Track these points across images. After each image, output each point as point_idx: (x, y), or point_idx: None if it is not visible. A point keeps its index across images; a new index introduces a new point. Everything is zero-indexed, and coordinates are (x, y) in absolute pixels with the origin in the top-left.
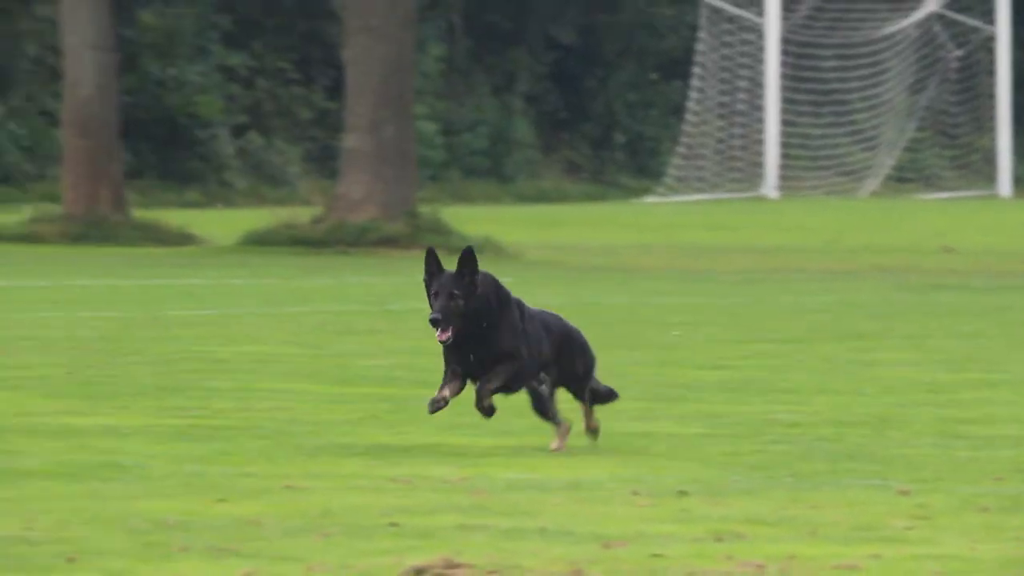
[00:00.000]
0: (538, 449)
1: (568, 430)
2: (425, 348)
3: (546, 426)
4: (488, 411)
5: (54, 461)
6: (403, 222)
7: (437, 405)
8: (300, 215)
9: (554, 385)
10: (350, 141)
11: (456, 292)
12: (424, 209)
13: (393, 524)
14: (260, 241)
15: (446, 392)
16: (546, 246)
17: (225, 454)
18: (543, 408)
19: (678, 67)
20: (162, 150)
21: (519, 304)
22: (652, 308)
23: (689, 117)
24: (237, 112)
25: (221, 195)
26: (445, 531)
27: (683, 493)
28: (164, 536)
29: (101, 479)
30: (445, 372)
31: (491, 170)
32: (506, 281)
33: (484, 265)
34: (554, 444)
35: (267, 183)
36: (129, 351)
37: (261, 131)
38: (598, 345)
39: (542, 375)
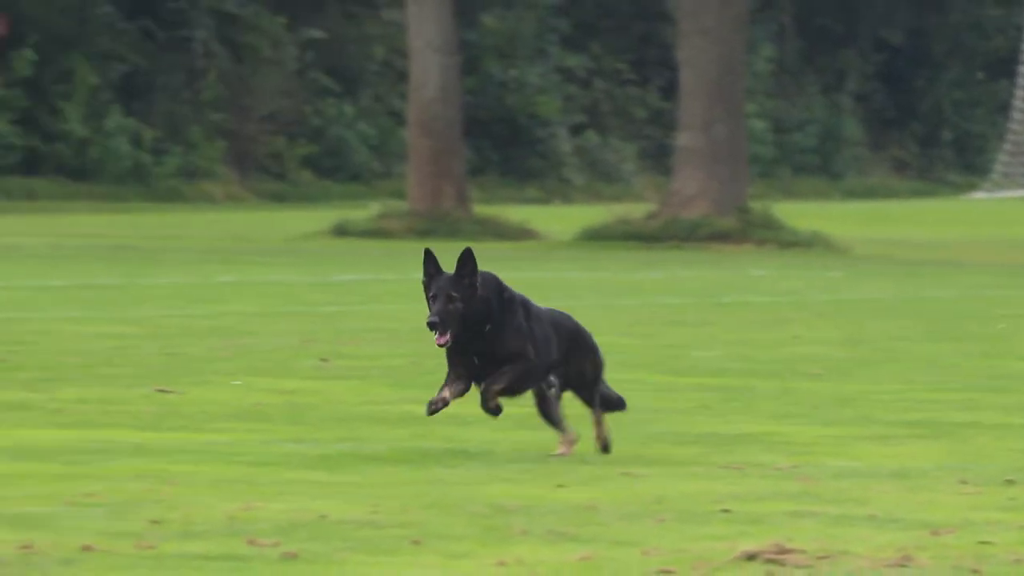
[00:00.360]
0: (863, 438)
1: (574, 441)
2: (755, 340)
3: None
4: (495, 411)
5: (399, 448)
6: (734, 217)
7: (435, 406)
8: (634, 211)
9: (562, 388)
10: (683, 139)
11: (455, 294)
12: (755, 205)
13: (725, 510)
14: (596, 236)
15: (446, 393)
16: (874, 241)
17: None
18: (548, 412)
19: (1005, 66)
20: (503, 148)
21: (524, 304)
22: (978, 301)
23: (1015, 115)
24: (575, 112)
25: (559, 191)
26: (775, 517)
27: (1010, 482)
28: (504, 520)
29: (444, 465)
30: (448, 374)
31: (820, 167)
32: (832, 277)
33: (814, 259)
34: (559, 450)
35: (603, 180)
36: None
37: (598, 130)
38: (923, 338)
39: (551, 378)
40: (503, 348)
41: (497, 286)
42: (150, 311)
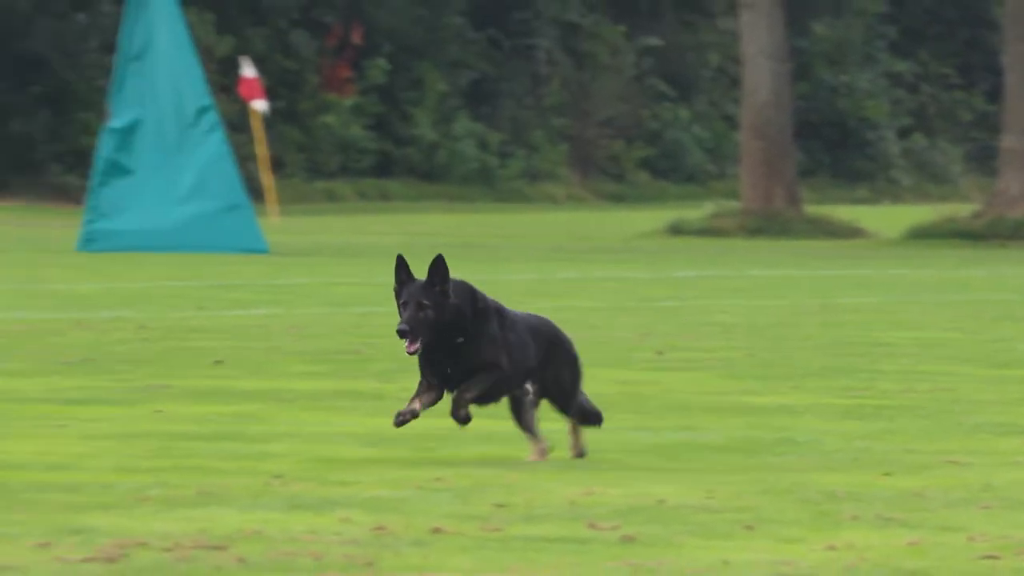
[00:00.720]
0: None
1: (545, 452)
2: None
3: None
4: (464, 420)
5: (733, 436)
6: None
7: (403, 417)
8: (961, 210)
9: (539, 395)
10: (1008, 141)
11: (425, 302)
12: None
13: None
14: (923, 235)
15: (416, 405)
16: None
17: (889, 432)
18: (522, 419)
19: None
20: (833, 151)
21: (499, 311)
22: None
23: None
24: (902, 115)
25: (888, 192)
26: None
27: None
28: (835, 506)
29: (775, 454)
30: (420, 383)
31: None
32: None
33: None
34: (530, 457)
35: (930, 181)
36: (801, 336)
37: (925, 132)
38: None
39: (527, 385)
40: (476, 357)
41: (471, 294)
42: None
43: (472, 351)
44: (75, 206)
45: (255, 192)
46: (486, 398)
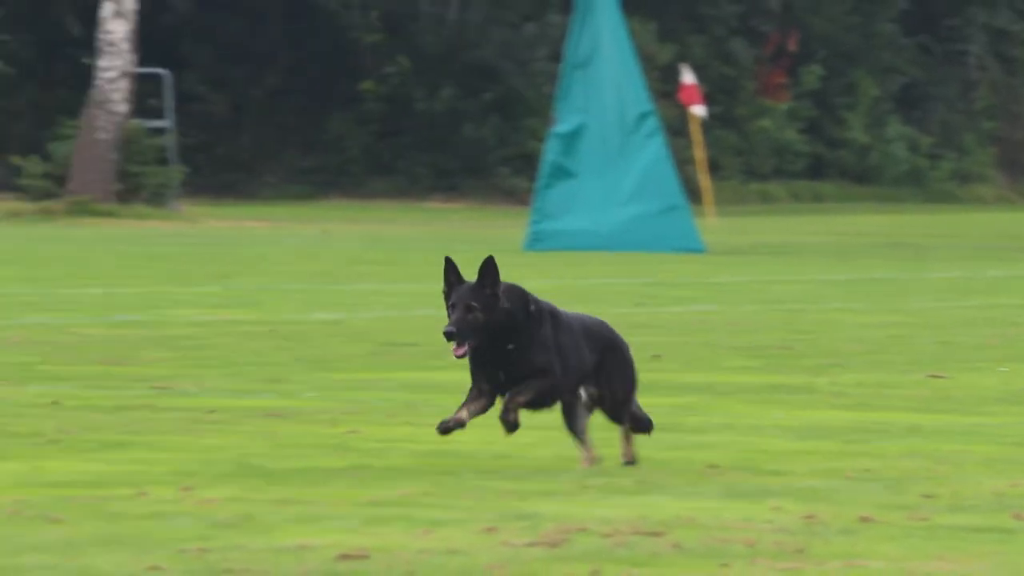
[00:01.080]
0: None
1: (593, 461)
2: None
3: None
4: (512, 426)
5: None
6: None
7: (447, 426)
8: None
9: (593, 401)
10: None
11: (474, 304)
12: None
13: None
14: None
15: (463, 414)
16: None
17: None
18: (573, 423)
19: None
20: None
21: (553, 314)
22: None
23: None
24: None
25: None
26: None
27: None
28: None
29: None
30: (470, 389)
31: None
32: None
33: None
34: (581, 464)
35: None
36: None
37: None
38: None
39: (580, 391)
40: (528, 363)
41: (523, 298)
42: (924, 303)
43: (524, 356)
44: (522, 207)
45: (693, 194)
46: (537, 404)
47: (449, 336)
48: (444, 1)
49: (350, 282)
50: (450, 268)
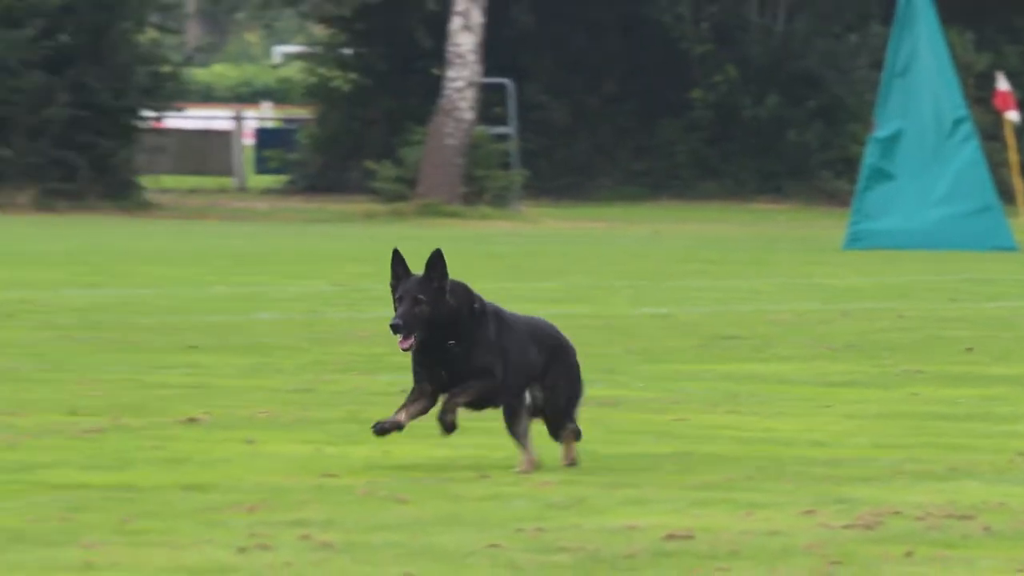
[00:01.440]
0: None
1: (532, 465)
2: None
3: None
4: (449, 427)
5: None
6: None
7: (384, 428)
8: None
9: (536, 404)
10: None
11: (421, 297)
12: None
13: None
14: None
15: (402, 416)
16: None
17: None
18: (514, 423)
19: None
20: None
21: (497, 314)
22: None
23: None
24: None
25: None
26: None
27: None
28: None
29: None
30: (412, 390)
31: None
32: None
33: None
34: (518, 468)
35: None
36: None
37: None
38: None
39: (526, 394)
40: (469, 362)
41: (467, 296)
42: None
43: (466, 356)
44: (842, 208)
45: (1006, 195)
46: (478, 404)
47: (395, 328)
48: (772, 14)
49: (678, 279)
50: (397, 260)
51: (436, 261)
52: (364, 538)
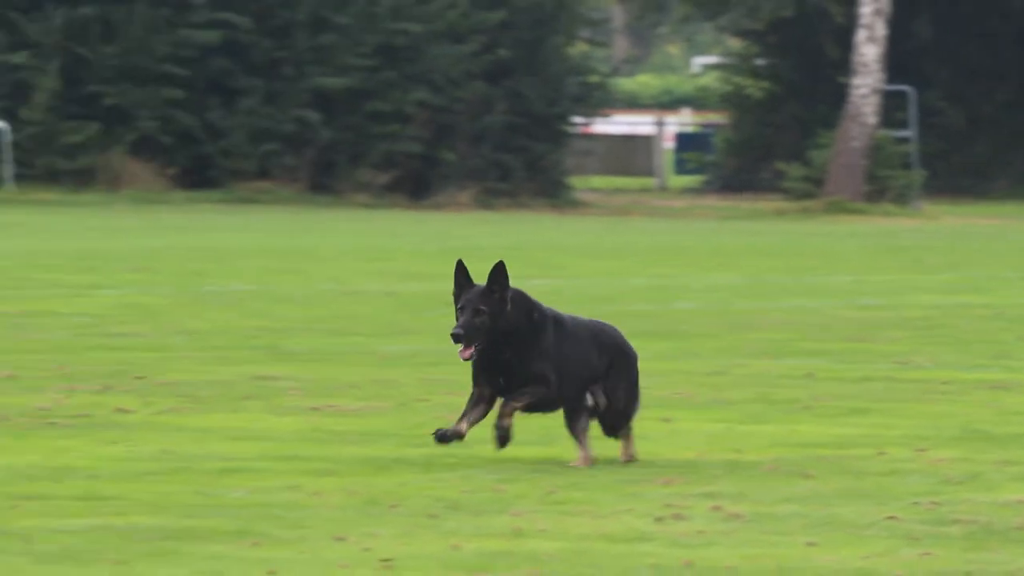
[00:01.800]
0: None
1: (588, 461)
2: None
3: None
4: (504, 433)
5: None
6: None
7: (446, 437)
8: None
9: (596, 408)
10: None
11: (483, 308)
12: None
13: None
14: None
15: (463, 426)
16: None
17: None
18: (574, 422)
19: None
20: None
21: (557, 321)
22: None
23: None
24: None
25: None
26: None
27: None
28: None
29: None
30: (471, 395)
31: None
32: None
33: None
34: (575, 462)
35: None
36: None
37: None
38: None
39: (587, 396)
40: (526, 370)
41: (527, 305)
42: None
43: (523, 363)
44: None
45: None
46: (534, 409)
47: (456, 338)
48: None
49: None
50: (460, 271)
51: (498, 272)
52: (771, 509)
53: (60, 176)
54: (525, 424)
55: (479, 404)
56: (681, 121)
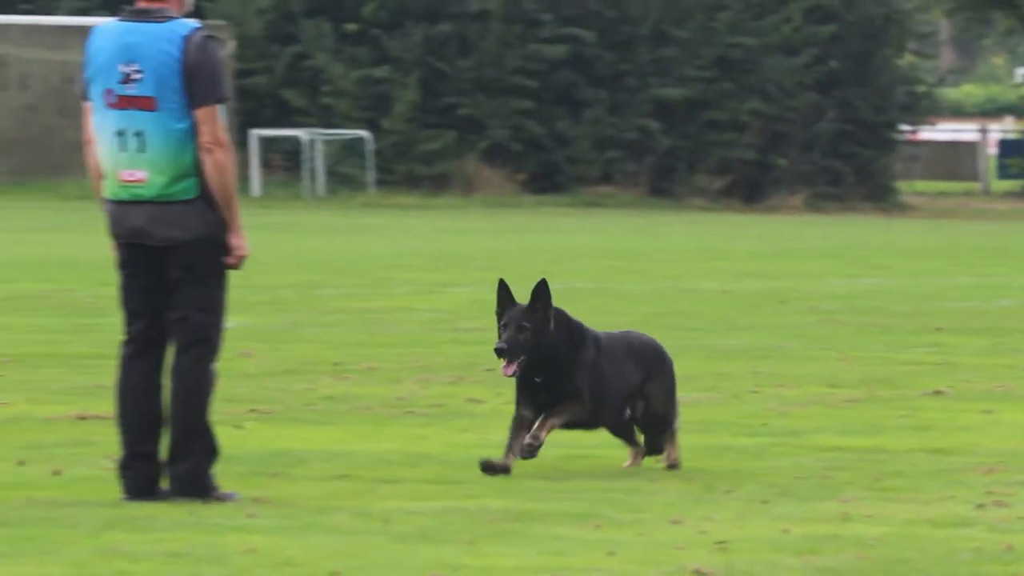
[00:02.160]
0: None
1: (641, 456)
2: None
3: None
4: (535, 446)
5: None
6: None
7: (493, 470)
8: None
9: (635, 417)
10: None
11: (526, 324)
12: None
13: None
14: None
15: (510, 459)
16: None
17: None
18: (618, 432)
19: None
20: None
21: (596, 339)
22: None
23: None
24: None
25: None
26: None
27: None
28: None
29: None
30: (514, 419)
31: None
32: None
33: None
34: (627, 464)
35: None
36: None
37: None
38: None
39: (627, 410)
40: (566, 387)
41: (567, 323)
42: None
43: (562, 380)
44: None
45: None
46: (572, 426)
47: (500, 353)
48: None
49: None
50: (503, 289)
51: (542, 290)
52: None
53: (418, 181)
54: (850, 415)
55: (521, 431)
56: (1004, 128)
